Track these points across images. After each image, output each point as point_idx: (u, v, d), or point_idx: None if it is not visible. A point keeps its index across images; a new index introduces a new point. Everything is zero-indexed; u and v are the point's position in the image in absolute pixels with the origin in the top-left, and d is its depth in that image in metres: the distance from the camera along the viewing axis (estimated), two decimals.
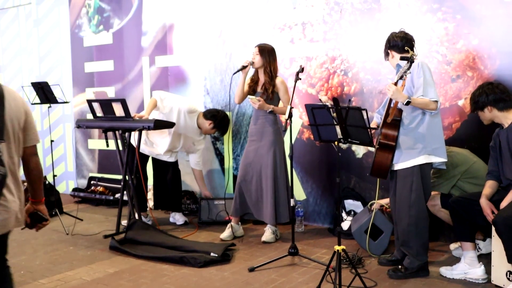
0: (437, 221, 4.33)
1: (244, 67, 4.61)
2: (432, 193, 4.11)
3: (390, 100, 3.69)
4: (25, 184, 5.88)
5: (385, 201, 4.38)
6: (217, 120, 5.29)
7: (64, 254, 4.55)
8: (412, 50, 3.79)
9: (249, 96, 4.61)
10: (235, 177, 5.75)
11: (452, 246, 4.32)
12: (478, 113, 3.80)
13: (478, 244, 4.11)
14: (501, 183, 3.68)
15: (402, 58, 3.63)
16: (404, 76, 3.60)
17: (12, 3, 7.89)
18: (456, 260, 3.97)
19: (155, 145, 5.37)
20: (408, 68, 3.58)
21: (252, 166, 4.76)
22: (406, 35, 3.83)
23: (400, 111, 3.74)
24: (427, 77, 3.63)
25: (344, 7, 4.98)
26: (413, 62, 3.58)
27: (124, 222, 5.16)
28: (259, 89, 4.72)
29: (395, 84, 3.59)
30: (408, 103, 3.54)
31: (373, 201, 4.46)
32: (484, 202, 3.59)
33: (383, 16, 4.77)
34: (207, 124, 5.29)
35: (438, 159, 3.76)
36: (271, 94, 4.64)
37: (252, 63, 4.65)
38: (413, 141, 3.72)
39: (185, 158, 5.77)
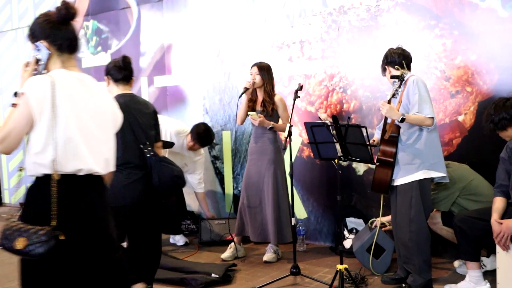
0: (440, 237, 4.28)
1: (247, 89, 4.62)
2: (432, 211, 4.08)
3: (386, 117, 3.70)
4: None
5: (386, 219, 4.33)
6: (194, 132, 5.23)
7: None
8: (409, 66, 3.82)
9: (249, 112, 4.60)
10: (235, 196, 5.72)
11: (456, 263, 4.26)
12: (498, 133, 3.64)
13: (482, 261, 4.04)
14: (509, 199, 3.58)
15: (392, 77, 3.68)
16: (396, 94, 3.62)
17: (10, 26, 7.91)
18: (461, 277, 3.92)
19: None
20: (399, 86, 3.60)
21: (254, 185, 4.72)
22: (403, 52, 3.85)
23: (398, 127, 3.75)
24: (422, 93, 3.62)
25: (342, 25, 4.99)
26: (403, 80, 3.59)
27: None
28: (258, 108, 4.71)
29: (389, 102, 3.60)
30: (402, 120, 3.55)
31: (373, 219, 4.43)
32: (495, 223, 3.48)
33: (380, 33, 4.78)
34: (188, 139, 5.25)
35: (437, 174, 3.75)
36: (270, 111, 4.64)
37: (254, 83, 4.65)
38: (411, 157, 3.72)
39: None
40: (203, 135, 5.23)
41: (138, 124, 3.36)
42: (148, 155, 3.31)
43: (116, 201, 3.03)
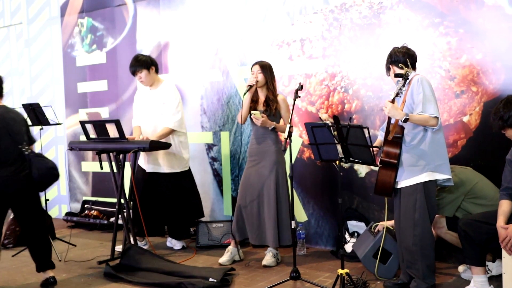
0: (444, 241, 4.20)
1: (251, 87, 4.54)
2: (437, 216, 4.01)
3: (390, 117, 3.63)
4: None
5: (390, 223, 4.24)
6: None
7: (57, 282, 4.37)
8: (413, 66, 3.74)
9: (252, 111, 4.51)
10: (234, 199, 5.62)
11: (461, 268, 4.18)
12: (506, 131, 3.54)
13: (487, 265, 3.97)
14: None
15: (396, 76, 3.62)
16: (400, 93, 3.55)
17: (2, 23, 7.82)
18: (465, 282, 3.85)
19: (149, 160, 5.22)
20: (403, 85, 3.53)
21: (253, 188, 4.63)
22: (408, 51, 3.79)
23: (402, 128, 3.69)
24: (426, 93, 3.57)
25: (343, 23, 4.90)
26: (407, 79, 3.53)
27: (119, 248, 5.00)
28: (260, 107, 4.63)
29: (392, 101, 3.53)
30: (406, 120, 3.48)
31: (376, 223, 4.35)
32: (501, 227, 3.38)
33: (383, 31, 4.69)
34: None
35: (442, 176, 3.68)
36: (274, 111, 4.57)
37: (257, 82, 4.57)
38: (415, 158, 3.65)
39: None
40: None
41: (13, 130, 4.05)
42: (26, 153, 4.04)
43: (3, 190, 3.98)
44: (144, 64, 5.08)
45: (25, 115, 5.70)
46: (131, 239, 4.85)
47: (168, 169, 5.17)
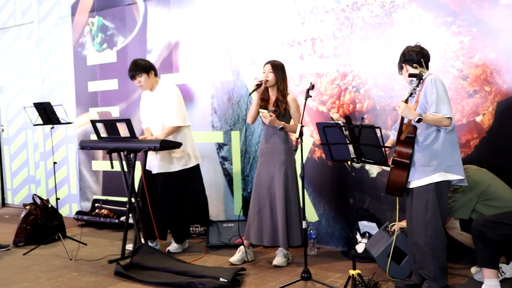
0: (457, 242, 4.16)
1: (259, 86, 4.50)
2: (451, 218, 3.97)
3: (403, 117, 3.60)
4: (27, 207, 5.82)
5: (403, 223, 4.20)
6: None
7: (68, 280, 4.40)
8: (427, 65, 3.72)
9: (261, 110, 4.49)
10: (244, 198, 5.61)
11: (474, 269, 4.12)
12: None
13: (501, 267, 3.92)
14: None
15: (410, 75, 3.59)
16: (414, 93, 3.53)
17: (13, 22, 7.84)
18: (478, 284, 3.79)
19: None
20: (417, 85, 3.51)
21: (265, 188, 4.61)
22: (422, 50, 3.76)
23: (415, 128, 3.66)
24: (440, 93, 3.53)
25: (355, 22, 4.86)
26: (421, 78, 3.50)
27: (129, 247, 5.00)
28: (270, 107, 4.60)
29: (406, 101, 3.51)
30: (419, 120, 3.46)
31: (393, 223, 4.30)
32: None
33: (395, 31, 4.65)
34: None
35: (454, 177, 3.64)
36: (283, 111, 4.53)
37: (266, 81, 4.53)
38: (428, 159, 3.62)
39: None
40: None
41: None
42: None
43: None
44: (143, 68, 5.04)
45: (36, 114, 5.73)
46: (142, 238, 4.84)
47: (163, 169, 5.07)
